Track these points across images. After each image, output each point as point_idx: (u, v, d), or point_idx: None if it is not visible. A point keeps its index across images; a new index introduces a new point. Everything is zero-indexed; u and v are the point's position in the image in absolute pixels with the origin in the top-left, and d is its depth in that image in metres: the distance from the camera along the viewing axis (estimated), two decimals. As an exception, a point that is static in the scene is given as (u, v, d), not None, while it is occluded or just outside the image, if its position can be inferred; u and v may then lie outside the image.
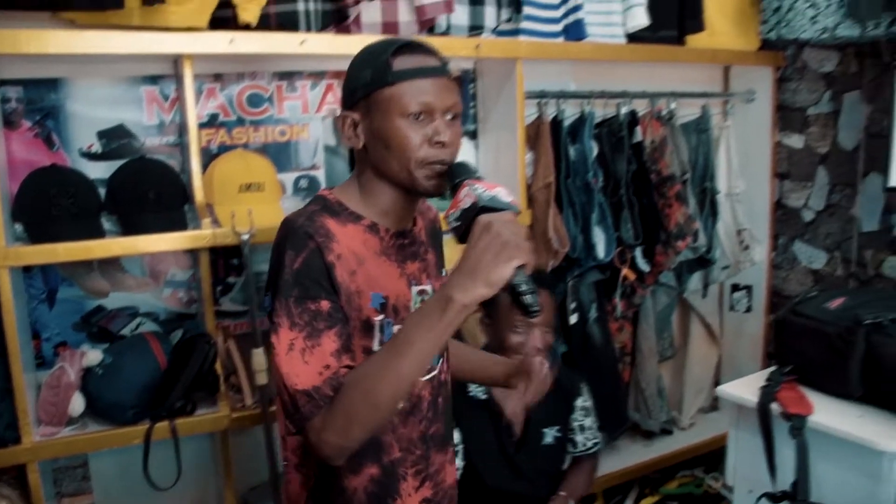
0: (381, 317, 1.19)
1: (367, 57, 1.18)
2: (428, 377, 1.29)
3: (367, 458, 1.22)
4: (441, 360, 1.33)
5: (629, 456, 2.70)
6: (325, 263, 1.12)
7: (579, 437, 2.07)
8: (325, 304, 1.11)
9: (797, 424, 1.64)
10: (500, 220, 1.01)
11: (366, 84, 1.16)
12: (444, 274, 1.37)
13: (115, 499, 2.04)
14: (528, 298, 1.01)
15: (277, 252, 1.14)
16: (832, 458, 1.65)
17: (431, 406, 1.30)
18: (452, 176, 1.15)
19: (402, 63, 1.15)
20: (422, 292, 1.27)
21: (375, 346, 1.19)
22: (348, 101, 1.20)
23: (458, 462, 1.87)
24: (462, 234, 1.06)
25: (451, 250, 1.28)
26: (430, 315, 1.03)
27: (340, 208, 1.21)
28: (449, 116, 1.17)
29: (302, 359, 1.09)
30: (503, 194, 1.08)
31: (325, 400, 1.08)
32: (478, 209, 1.05)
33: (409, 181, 1.18)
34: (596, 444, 2.11)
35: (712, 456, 2.82)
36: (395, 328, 1.20)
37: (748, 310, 2.98)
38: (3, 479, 1.80)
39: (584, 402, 2.10)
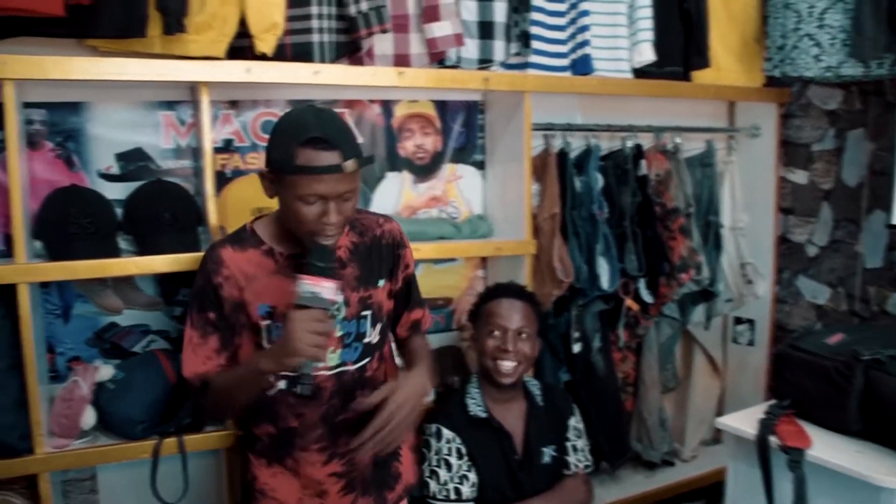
0: (267, 322, 1.49)
1: (280, 137, 1.39)
2: (334, 372, 1.52)
3: (262, 418, 1.56)
4: (368, 360, 1.56)
5: (630, 486, 2.70)
6: (213, 285, 1.47)
7: (571, 459, 2.09)
8: (212, 315, 1.48)
9: (795, 458, 1.65)
10: (299, 321, 1.29)
11: (276, 164, 1.38)
12: (379, 285, 1.58)
13: (121, 512, 2.07)
14: (297, 388, 1.37)
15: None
16: (830, 492, 1.66)
17: (336, 395, 1.53)
18: (310, 256, 1.36)
19: (304, 157, 1.33)
20: None
21: (264, 343, 1.49)
22: (267, 162, 1.43)
23: (473, 477, 1.93)
24: None
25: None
26: (244, 373, 1.43)
27: (248, 235, 1.52)
28: (344, 198, 1.39)
29: (194, 352, 1.49)
30: (325, 292, 1.32)
31: (193, 387, 1.51)
32: (294, 304, 1.32)
33: (299, 238, 1.44)
34: (587, 466, 2.12)
35: (714, 489, 2.80)
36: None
37: (751, 343, 2.99)
38: (14, 489, 1.83)
39: (576, 422, 2.13)
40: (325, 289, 1.32)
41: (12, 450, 1.71)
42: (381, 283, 1.58)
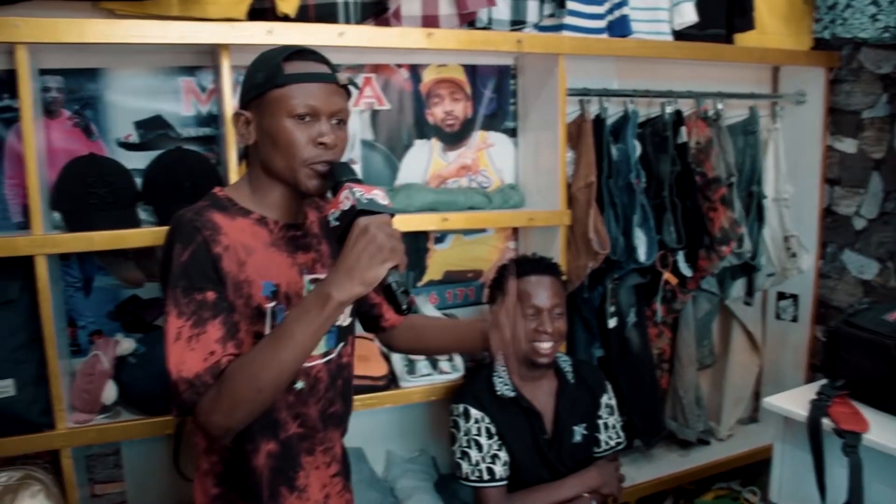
0: (272, 304, 1.25)
1: (262, 60, 1.27)
2: (325, 360, 1.35)
3: (264, 435, 1.29)
4: (343, 345, 1.39)
5: (664, 465, 2.63)
6: (212, 255, 1.19)
7: (602, 436, 2.03)
8: (210, 295, 1.17)
9: (851, 442, 1.56)
10: (376, 224, 1.11)
11: (258, 85, 1.24)
12: None
13: (146, 487, 2.05)
14: (399, 297, 1.12)
15: (167, 246, 1.22)
16: (888, 478, 1.56)
17: (330, 387, 1.37)
18: (334, 176, 1.22)
19: (292, 67, 1.23)
20: (315, 281, 1.32)
21: (267, 331, 1.24)
22: (243, 101, 1.28)
23: (504, 457, 1.88)
24: (341, 233, 1.15)
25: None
26: (309, 310, 1.11)
27: (230, 203, 1.28)
28: (335, 121, 1.25)
29: (188, 346, 1.14)
30: (380, 197, 1.16)
31: (205, 387, 1.13)
32: (356, 211, 1.13)
33: (292, 179, 1.25)
34: (619, 443, 2.06)
35: (750, 469, 2.73)
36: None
37: (794, 319, 2.88)
38: (38, 463, 1.81)
39: (608, 399, 2.06)
40: (378, 194, 1.16)
41: (33, 425, 1.69)
42: None
